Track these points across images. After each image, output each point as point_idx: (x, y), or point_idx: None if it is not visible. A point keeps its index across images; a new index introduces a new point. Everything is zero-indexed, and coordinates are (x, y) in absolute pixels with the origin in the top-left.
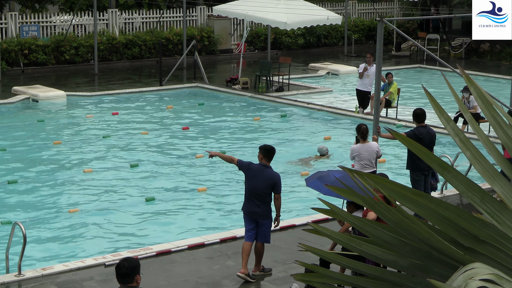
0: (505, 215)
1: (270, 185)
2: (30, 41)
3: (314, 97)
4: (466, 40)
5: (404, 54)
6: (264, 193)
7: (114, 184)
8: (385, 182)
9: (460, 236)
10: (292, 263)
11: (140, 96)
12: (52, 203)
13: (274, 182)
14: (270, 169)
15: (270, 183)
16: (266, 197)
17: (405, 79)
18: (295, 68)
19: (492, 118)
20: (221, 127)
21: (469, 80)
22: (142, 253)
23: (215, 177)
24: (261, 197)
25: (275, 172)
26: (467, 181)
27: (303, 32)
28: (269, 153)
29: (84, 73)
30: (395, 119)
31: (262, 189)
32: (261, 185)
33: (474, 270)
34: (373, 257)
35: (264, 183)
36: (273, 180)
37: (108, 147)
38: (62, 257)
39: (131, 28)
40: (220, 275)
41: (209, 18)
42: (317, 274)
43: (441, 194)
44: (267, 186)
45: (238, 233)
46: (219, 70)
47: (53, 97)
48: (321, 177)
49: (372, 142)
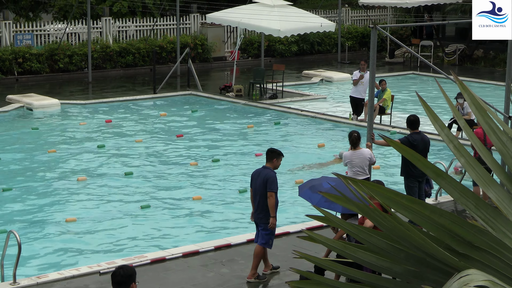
0: (500, 221)
1: (263, 183)
2: (24, 50)
3: (307, 104)
4: (460, 47)
5: (397, 60)
6: (261, 193)
7: (109, 192)
8: (379, 189)
9: (454, 243)
10: (287, 270)
11: (134, 104)
12: (46, 211)
13: (267, 179)
14: (267, 169)
15: (264, 181)
16: (264, 199)
17: (399, 86)
18: (289, 75)
19: (486, 124)
20: (214, 135)
21: (462, 87)
22: (137, 261)
23: (210, 185)
24: (260, 199)
25: (270, 171)
26: (461, 188)
27: (296, 39)
28: (267, 155)
29: (78, 81)
30: (389, 125)
31: (259, 189)
32: (258, 185)
33: (469, 276)
34: (368, 264)
35: (260, 182)
36: (266, 177)
37: (102, 155)
38: (57, 265)
39: (125, 36)
40: (215, 283)
41: (203, 25)
42: (312, 281)
43: (436, 201)
44: (261, 184)
45: (233, 240)
46: (213, 77)
47: (47, 105)
48: (313, 186)
49: (364, 149)
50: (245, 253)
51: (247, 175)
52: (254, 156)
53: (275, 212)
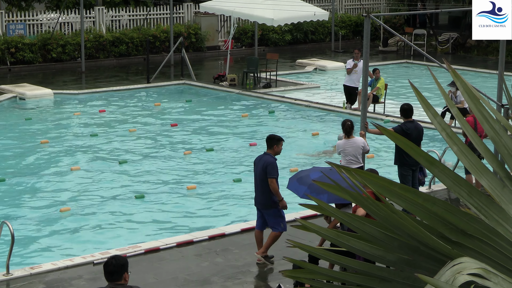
0: (493, 210)
1: (263, 169)
2: (16, 40)
3: (301, 93)
4: (453, 35)
5: (391, 49)
6: (261, 179)
7: (103, 181)
8: (372, 177)
9: (447, 231)
10: (280, 260)
11: (127, 94)
12: (39, 202)
13: (266, 165)
14: (267, 155)
15: (264, 167)
16: (264, 185)
17: (392, 75)
18: (283, 64)
19: (479, 112)
20: (209, 124)
21: (455, 75)
22: (131, 251)
23: (204, 175)
24: (259, 184)
25: (269, 157)
26: (454, 176)
27: (290, 28)
28: (267, 142)
29: (71, 71)
30: (383, 114)
31: (259, 175)
32: (258, 171)
33: (462, 264)
34: (361, 252)
35: (260, 168)
36: (265, 164)
37: (96, 145)
38: (51, 255)
39: (118, 25)
40: (209, 272)
41: (196, 15)
42: (306, 270)
43: (429, 189)
44: (261, 171)
45: (227, 230)
46: (207, 67)
47: (40, 95)
48: (300, 178)
49: (358, 138)
50: (239, 243)
51: (241, 164)
52: (248, 146)
53: (280, 195)
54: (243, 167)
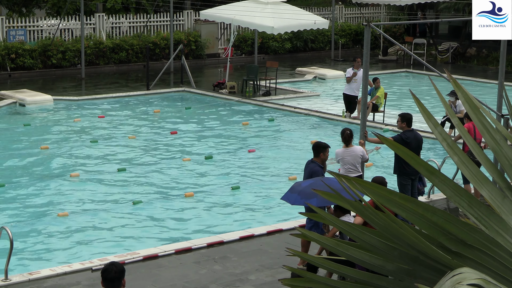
0: (493, 220)
1: (309, 177)
2: (17, 45)
3: (301, 101)
4: (453, 45)
5: (391, 58)
6: None
7: (101, 188)
8: (372, 186)
9: (447, 241)
10: (279, 268)
11: (127, 100)
12: (38, 208)
13: (311, 173)
14: (313, 163)
15: (309, 175)
16: None
17: (392, 84)
18: (282, 72)
19: (480, 122)
20: (208, 131)
21: (456, 85)
22: (129, 257)
23: (203, 182)
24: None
25: (315, 165)
26: (454, 186)
27: (290, 37)
28: (313, 150)
29: (71, 78)
30: (382, 123)
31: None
32: (304, 177)
33: (462, 275)
34: (361, 261)
35: (306, 175)
36: (311, 172)
37: (95, 151)
38: (49, 261)
39: (118, 32)
40: (207, 280)
41: (196, 22)
42: (305, 278)
43: (428, 199)
44: (307, 178)
45: (225, 237)
46: (206, 74)
47: (40, 101)
48: (292, 188)
49: (356, 147)
50: (237, 250)
51: (240, 172)
52: (247, 153)
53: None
54: (242, 175)
